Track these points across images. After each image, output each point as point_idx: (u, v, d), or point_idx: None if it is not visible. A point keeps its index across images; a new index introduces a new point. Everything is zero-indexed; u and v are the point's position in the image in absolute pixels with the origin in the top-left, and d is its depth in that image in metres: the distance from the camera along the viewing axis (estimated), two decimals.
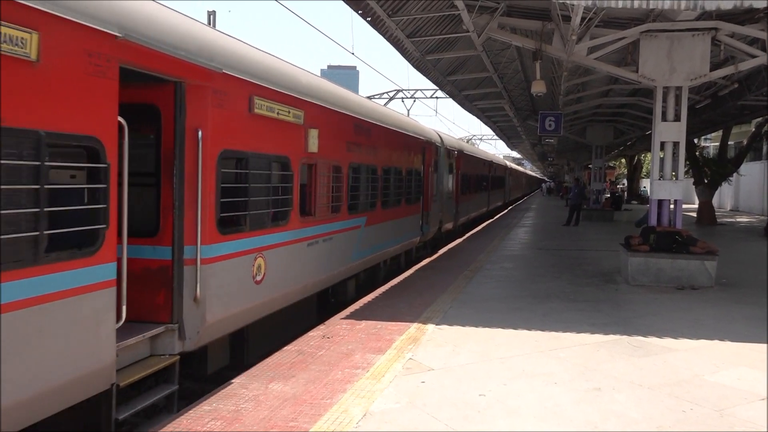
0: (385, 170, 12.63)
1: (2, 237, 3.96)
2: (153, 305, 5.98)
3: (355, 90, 12.48)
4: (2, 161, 3.93)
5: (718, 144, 31.96)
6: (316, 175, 9.06)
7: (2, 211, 3.95)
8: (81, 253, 4.66)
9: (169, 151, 6.03)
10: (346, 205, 10.32)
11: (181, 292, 6.03)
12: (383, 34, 13.53)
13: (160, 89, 6.00)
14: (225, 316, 6.62)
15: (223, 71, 6.41)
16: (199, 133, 6.08)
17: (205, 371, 6.82)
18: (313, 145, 8.68)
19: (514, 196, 54.82)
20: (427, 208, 16.59)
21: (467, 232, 24.58)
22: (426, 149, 16.38)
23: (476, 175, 26.34)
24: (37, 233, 4.21)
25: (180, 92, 6.00)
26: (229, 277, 6.70)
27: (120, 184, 5.08)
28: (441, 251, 18.03)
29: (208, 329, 6.34)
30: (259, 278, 7.32)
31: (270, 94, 7.43)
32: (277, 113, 7.65)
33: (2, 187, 3.95)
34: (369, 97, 27.83)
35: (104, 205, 4.84)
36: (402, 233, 14.29)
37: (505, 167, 43.38)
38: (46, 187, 4.27)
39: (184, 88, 6.02)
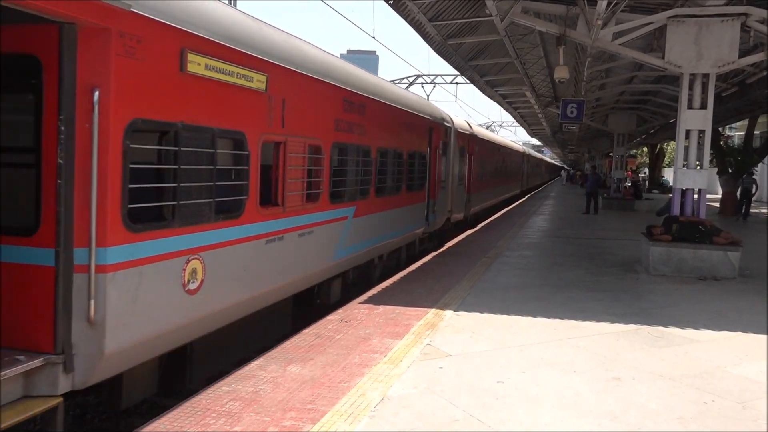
0: None
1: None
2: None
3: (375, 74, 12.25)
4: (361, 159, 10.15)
5: (743, 133, 31.35)
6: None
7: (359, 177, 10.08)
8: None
9: (437, 157, 14.96)
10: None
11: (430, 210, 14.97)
12: (405, 18, 13.40)
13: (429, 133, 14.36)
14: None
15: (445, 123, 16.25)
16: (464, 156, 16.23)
17: None
18: None
19: (505, 194, 32.89)
20: None
21: None
22: None
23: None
24: (400, 184, 11.70)
25: (430, 132, 14.27)
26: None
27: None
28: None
29: None
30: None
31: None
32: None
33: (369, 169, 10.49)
34: (393, 81, 27.22)
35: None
36: None
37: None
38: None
39: (432, 131, 14.55)
